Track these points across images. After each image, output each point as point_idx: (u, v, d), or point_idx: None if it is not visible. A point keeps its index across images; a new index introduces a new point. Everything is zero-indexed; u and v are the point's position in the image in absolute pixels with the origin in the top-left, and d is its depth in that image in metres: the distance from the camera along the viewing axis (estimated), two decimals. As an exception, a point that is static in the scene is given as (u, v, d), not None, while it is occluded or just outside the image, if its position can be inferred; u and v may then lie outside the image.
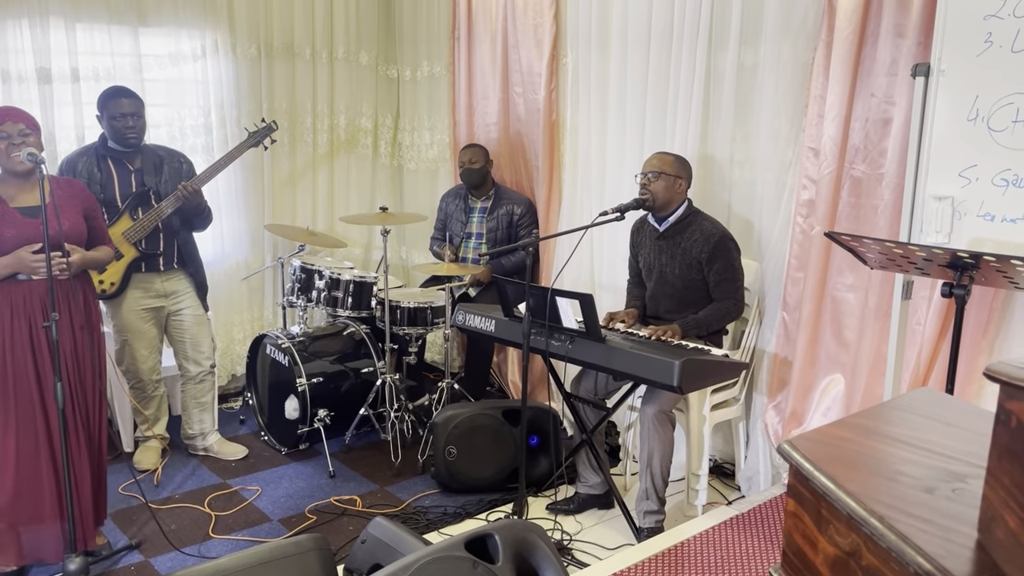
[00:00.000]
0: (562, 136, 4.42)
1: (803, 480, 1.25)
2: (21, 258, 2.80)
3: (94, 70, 4.27)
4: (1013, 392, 0.96)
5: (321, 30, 5.06)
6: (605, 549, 3.25)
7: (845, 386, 3.35)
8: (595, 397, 3.46)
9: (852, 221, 3.23)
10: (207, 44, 4.62)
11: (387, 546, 2.55)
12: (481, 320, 3.51)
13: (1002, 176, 2.62)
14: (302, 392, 3.98)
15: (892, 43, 3.01)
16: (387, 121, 5.53)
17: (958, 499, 1.10)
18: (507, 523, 2.41)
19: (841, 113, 3.15)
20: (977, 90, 2.65)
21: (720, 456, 3.92)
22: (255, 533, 3.37)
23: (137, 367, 3.84)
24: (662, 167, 3.36)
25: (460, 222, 4.68)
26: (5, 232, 2.81)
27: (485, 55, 4.77)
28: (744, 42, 3.53)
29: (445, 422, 3.66)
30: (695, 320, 3.32)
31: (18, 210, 2.85)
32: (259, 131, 4.09)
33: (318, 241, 4.44)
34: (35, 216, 2.85)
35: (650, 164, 3.40)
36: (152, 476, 3.84)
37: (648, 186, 3.37)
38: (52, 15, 4.10)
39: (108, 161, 3.65)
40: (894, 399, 1.48)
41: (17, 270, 2.81)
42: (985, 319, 2.85)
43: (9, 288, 2.83)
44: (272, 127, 4.13)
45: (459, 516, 3.51)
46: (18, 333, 2.84)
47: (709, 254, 3.32)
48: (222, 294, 4.86)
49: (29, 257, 2.80)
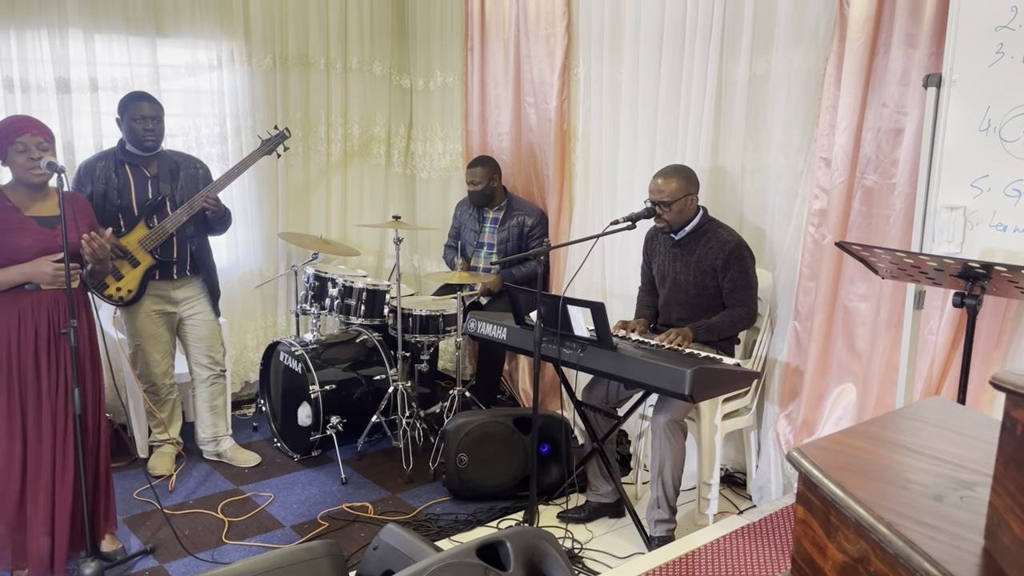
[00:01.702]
0: (573, 145, 4.44)
1: (812, 487, 1.26)
2: (41, 268, 2.83)
3: (112, 80, 4.33)
4: (1019, 400, 0.97)
5: (335, 40, 5.10)
6: (616, 558, 3.25)
7: (857, 396, 3.35)
8: (606, 405, 3.47)
9: (864, 231, 3.23)
10: (223, 54, 4.67)
11: (399, 553, 2.56)
12: (493, 328, 3.53)
13: (1014, 186, 2.62)
14: (315, 399, 4.00)
15: (904, 53, 3.02)
16: (400, 130, 5.57)
17: (966, 506, 1.11)
18: (518, 530, 2.42)
19: (853, 123, 3.16)
20: (989, 100, 2.66)
21: (732, 465, 3.92)
22: (268, 539, 3.39)
23: (150, 371, 3.88)
24: (671, 195, 3.34)
25: (473, 231, 4.71)
26: (22, 241, 2.84)
27: (498, 65, 4.80)
28: (756, 52, 3.54)
29: (456, 430, 3.68)
30: (707, 325, 3.33)
31: (35, 219, 2.89)
32: (272, 139, 4.13)
33: (331, 249, 4.47)
34: (52, 226, 2.88)
35: (657, 192, 3.37)
36: (166, 482, 3.87)
37: (662, 216, 3.38)
38: (71, 26, 4.16)
39: (126, 167, 3.69)
40: (904, 408, 1.49)
41: (34, 279, 2.84)
42: (998, 329, 2.84)
43: (17, 297, 2.86)
44: (285, 134, 4.16)
45: (470, 523, 3.52)
46: (24, 342, 2.87)
47: (724, 261, 3.33)
48: (236, 301, 4.90)
49: (51, 267, 2.84)
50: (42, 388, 2.89)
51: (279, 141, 4.15)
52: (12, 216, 2.86)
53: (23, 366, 2.87)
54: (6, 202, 2.88)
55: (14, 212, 2.87)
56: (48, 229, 2.88)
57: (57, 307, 2.90)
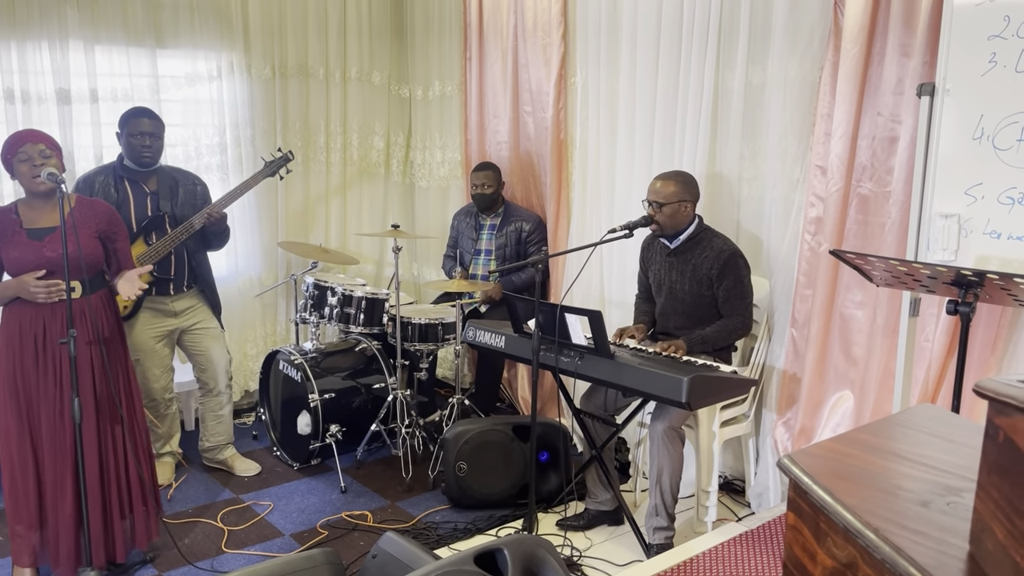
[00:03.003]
0: (571, 154, 4.46)
1: (802, 494, 1.27)
2: (24, 283, 2.86)
3: (112, 91, 4.36)
4: (1001, 408, 0.99)
5: (335, 51, 5.14)
6: (615, 565, 3.26)
7: (854, 403, 3.36)
8: (605, 413, 3.48)
9: (860, 238, 3.24)
10: (223, 65, 4.70)
11: (398, 561, 2.56)
12: (491, 336, 3.54)
13: (1008, 194, 2.64)
14: (314, 408, 4.02)
15: (898, 62, 3.04)
16: (399, 140, 5.60)
17: (952, 512, 1.13)
18: (516, 538, 2.43)
19: (848, 131, 3.18)
20: (982, 109, 2.68)
21: (730, 473, 3.93)
22: (267, 548, 3.40)
23: (149, 386, 3.88)
24: (666, 197, 3.36)
25: (471, 239, 4.73)
26: (11, 253, 2.87)
27: (496, 75, 4.83)
28: (752, 61, 3.57)
29: (455, 438, 3.69)
30: (701, 336, 3.34)
31: (26, 232, 2.90)
32: (275, 161, 4.15)
33: (331, 258, 4.49)
34: (40, 238, 2.89)
35: (653, 192, 3.39)
36: (166, 491, 3.88)
37: (655, 216, 3.39)
38: (72, 37, 4.20)
39: (125, 182, 3.70)
40: (895, 415, 1.51)
41: (19, 294, 2.88)
42: (993, 336, 2.86)
43: (19, 308, 2.91)
44: (288, 157, 4.18)
45: (469, 532, 3.53)
46: (27, 352, 2.91)
47: (719, 271, 3.34)
48: (236, 310, 4.91)
49: (30, 283, 2.85)
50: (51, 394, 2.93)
51: (282, 163, 4.17)
52: (9, 228, 2.89)
53: (27, 373, 2.92)
54: (12, 214, 2.91)
55: (12, 224, 2.89)
56: (36, 241, 2.89)
57: (57, 316, 2.93)
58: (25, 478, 2.94)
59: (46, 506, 2.98)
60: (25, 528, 2.97)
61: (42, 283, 2.85)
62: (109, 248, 3.08)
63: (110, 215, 3.11)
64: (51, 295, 2.87)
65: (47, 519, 2.98)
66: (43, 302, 2.88)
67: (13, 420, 2.92)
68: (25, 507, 2.95)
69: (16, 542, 2.99)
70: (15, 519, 2.97)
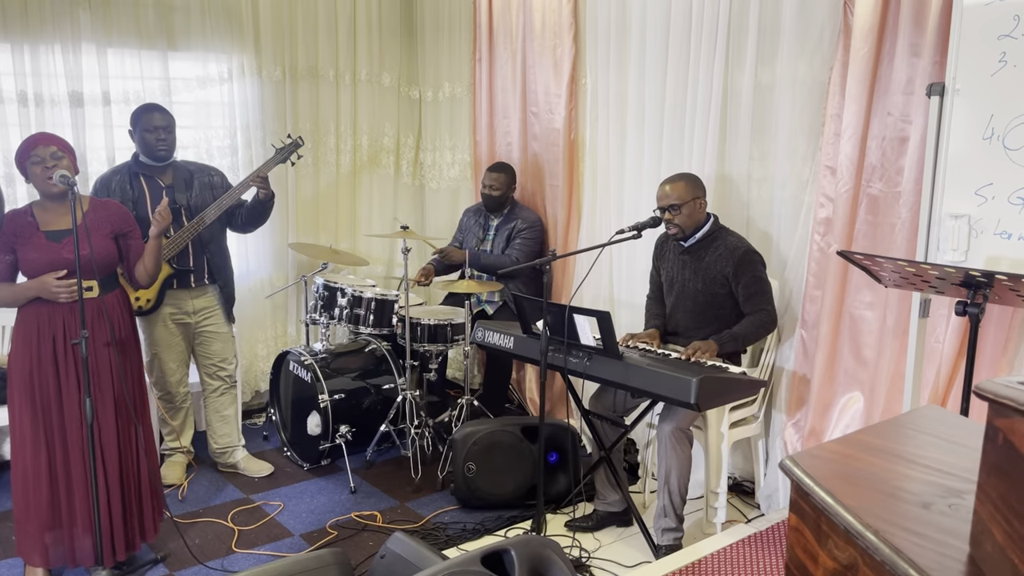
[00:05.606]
0: (581, 155, 4.47)
1: (804, 495, 1.27)
2: (45, 283, 2.88)
3: (124, 93, 4.39)
4: (1000, 409, 0.99)
5: (344, 52, 5.15)
6: (623, 566, 3.26)
7: (864, 404, 3.34)
8: (613, 414, 3.48)
9: (869, 239, 3.23)
10: (233, 67, 4.73)
11: (406, 561, 2.57)
12: (500, 337, 3.55)
13: (1018, 194, 2.62)
14: (324, 408, 4.03)
15: (908, 62, 3.02)
16: (409, 141, 5.61)
17: (953, 514, 1.12)
18: (523, 539, 2.43)
19: (858, 132, 3.17)
20: (992, 109, 2.66)
21: (740, 474, 3.91)
22: (277, 548, 3.42)
23: (166, 379, 3.93)
24: (680, 197, 3.35)
25: (477, 237, 4.75)
26: (30, 255, 2.90)
27: (506, 76, 4.84)
28: (761, 62, 3.56)
29: (464, 439, 3.69)
30: (731, 335, 3.32)
31: (44, 234, 2.93)
32: (286, 147, 4.15)
33: (341, 259, 4.51)
34: (58, 240, 2.92)
35: (665, 197, 3.38)
36: (177, 491, 3.91)
37: (673, 221, 3.38)
38: (84, 40, 4.23)
39: (140, 179, 3.74)
40: (899, 417, 1.50)
41: (42, 295, 2.90)
42: (1004, 337, 2.84)
43: (36, 308, 2.93)
44: (299, 143, 4.19)
45: (478, 532, 3.54)
46: (44, 351, 2.93)
47: (734, 269, 3.33)
48: (246, 311, 4.93)
49: (52, 283, 2.88)
50: (63, 395, 2.95)
51: (293, 149, 4.17)
52: (26, 231, 2.91)
53: (43, 374, 2.94)
54: (28, 217, 2.94)
55: (29, 227, 2.92)
56: (53, 243, 2.92)
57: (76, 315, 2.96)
58: (38, 479, 2.96)
59: (61, 506, 3.00)
60: (37, 528, 2.99)
61: (63, 283, 2.89)
62: (122, 246, 3.11)
63: (123, 215, 3.14)
64: (72, 295, 2.90)
65: (62, 519, 3.01)
66: (65, 301, 2.91)
67: (28, 422, 2.95)
68: (37, 508, 2.97)
69: (28, 543, 3.01)
70: (27, 519, 2.99)
